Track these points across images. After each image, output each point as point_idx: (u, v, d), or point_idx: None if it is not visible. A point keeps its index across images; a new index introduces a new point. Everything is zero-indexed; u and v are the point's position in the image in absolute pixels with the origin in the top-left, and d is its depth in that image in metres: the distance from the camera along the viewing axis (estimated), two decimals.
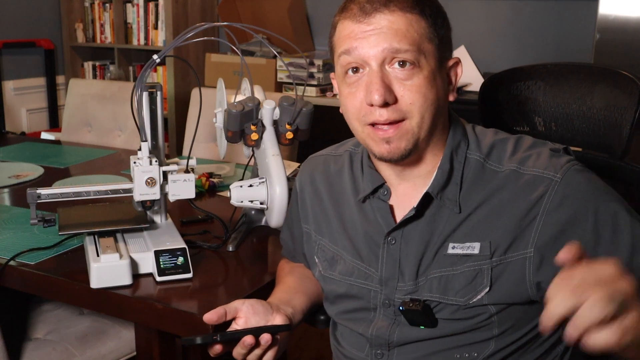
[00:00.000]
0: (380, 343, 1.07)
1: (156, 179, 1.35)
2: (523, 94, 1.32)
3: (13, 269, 1.38)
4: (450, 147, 1.04)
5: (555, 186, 0.96)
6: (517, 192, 0.98)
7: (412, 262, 1.04)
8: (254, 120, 1.44)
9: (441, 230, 1.02)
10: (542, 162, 0.99)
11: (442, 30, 1.00)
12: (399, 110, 0.97)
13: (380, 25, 0.96)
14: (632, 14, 2.46)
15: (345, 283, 1.12)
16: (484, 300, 0.99)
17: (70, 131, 2.84)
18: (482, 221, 1.00)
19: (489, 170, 1.02)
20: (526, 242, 0.97)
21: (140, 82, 1.35)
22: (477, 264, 0.99)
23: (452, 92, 1.04)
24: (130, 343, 1.68)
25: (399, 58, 0.96)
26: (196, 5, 3.93)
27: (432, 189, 1.02)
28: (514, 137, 1.06)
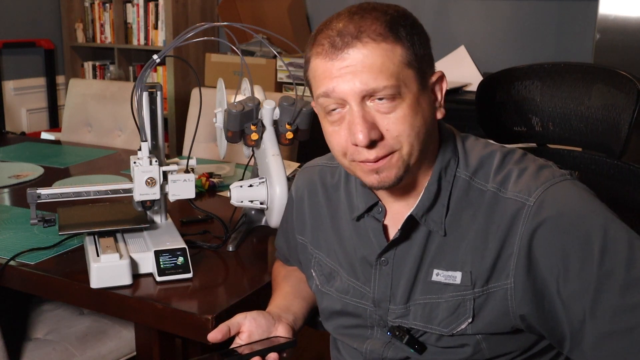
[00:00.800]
0: (375, 359, 1.06)
1: (156, 179, 1.35)
2: (520, 94, 1.32)
3: (13, 269, 1.38)
4: (439, 167, 0.99)
5: (529, 213, 0.91)
6: (496, 218, 0.94)
7: (403, 285, 1.02)
8: (254, 120, 1.44)
9: (429, 254, 0.99)
10: (521, 182, 0.94)
11: (421, 49, 0.94)
12: (386, 145, 0.93)
13: (354, 61, 0.90)
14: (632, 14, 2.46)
15: (342, 301, 1.10)
16: (468, 331, 0.96)
17: (70, 131, 2.84)
18: (466, 247, 0.96)
19: (475, 189, 0.97)
20: (507, 273, 0.93)
21: (140, 82, 1.35)
22: (460, 294, 0.96)
23: (439, 108, 0.99)
24: (130, 343, 1.69)
25: (378, 95, 0.91)
26: (196, 5, 3.93)
27: (416, 211, 0.99)
28: (502, 151, 1.00)
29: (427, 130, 0.95)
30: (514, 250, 0.92)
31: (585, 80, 1.25)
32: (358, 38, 0.90)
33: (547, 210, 0.90)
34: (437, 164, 0.99)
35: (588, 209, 0.91)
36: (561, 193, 0.92)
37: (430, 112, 0.97)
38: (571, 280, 0.89)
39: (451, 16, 3.41)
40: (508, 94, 1.34)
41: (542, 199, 0.91)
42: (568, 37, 3.17)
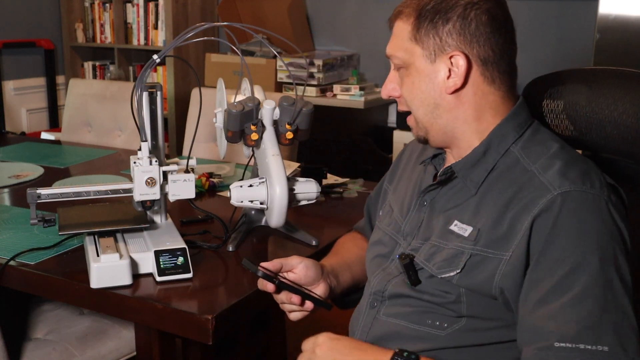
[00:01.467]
0: (377, 293, 1.16)
1: (156, 179, 1.35)
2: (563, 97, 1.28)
3: (13, 269, 1.38)
4: (492, 136, 1.08)
5: (547, 200, 0.97)
6: (524, 194, 1.01)
7: (429, 226, 1.12)
8: (254, 120, 1.44)
9: (458, 206, 1.09)
10: (560, 173, 1.00)
11: (436, 29, 1.06)
12: (401, 102, 1.14)
13: (392, 33, 1.13)
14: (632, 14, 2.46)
15: (382, 231, 1.24)
16: (453, 280, 1.04)
17: (70, 131, 2.84)
18: (488, 209, 1.04)
19: (521, 166, 1.05)
20: (508, 246, 0.99)
21: (140, 82, 1.35)
22: (462, 245, 1.04)
23: (451, 84, 1.06)
24: (130, 343, 1.68)
25: (394, 60, 1.11)
26: (196, 5, 3.93)
27: (456, 165, 1.10)
28: (563, 144, 1.08)
29: (436, 102, 1.08)
30: (522, 228, 0.98)
31: (623, 86, 1.21)
32: (399, 12, 1.11)
33: (562, 208, 0.96)
34: (491, 133, 1.08)
35: (592, 235, 0.95)
36: (586, 203, 0.97)
37: (434, 85, 1.08)
38: (537, 270, 0.96)
39: None
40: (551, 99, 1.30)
41: (566, 196, 0.97)
42: (568, 37, 3.17)
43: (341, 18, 3.76)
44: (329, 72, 3.48)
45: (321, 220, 1.73)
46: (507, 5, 1.09)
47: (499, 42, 1.06)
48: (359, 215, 1.48)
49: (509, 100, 1.10)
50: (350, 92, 3.39)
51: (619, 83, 1.22)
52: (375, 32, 3.65)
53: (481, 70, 1.07)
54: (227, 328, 1.22)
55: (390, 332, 1.12)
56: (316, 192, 1.48)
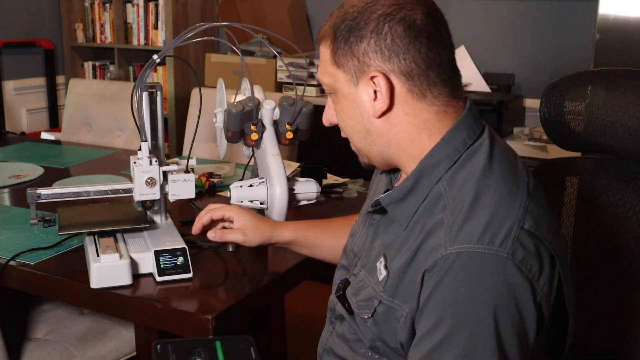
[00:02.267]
0: (331, 309, 1.14)
1: (156, 179, 1.35)
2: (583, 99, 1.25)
3: (13, 269, 1.38)
4: (422, 166, 0.98)
5: (440, 264, 0.88)
6: (426, 245, 0.92)
7: (368, 250, 1.07)
8: (254, 120, 1.44)
9: (389, 238, 1.01)
10: (461, 221, 0.89)
11: (352, 49, 0.97)
12: (341, 130, 1.08)
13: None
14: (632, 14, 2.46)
15: (348, 240, 1.19)
16: (368, 322, 1.00)
17: (70, 131, 2.84)
18: (404, 253, 0.96)
19: (441, 203, 0.94)
20: (408, 299, 0.93)
21: (140, 82, 1.35)
22: (375, 289, 1.00)
23: (378, 108, 0.97)
24: (130, 343, 1.69)
25: (324, 87, 1.05)
26: (196, 5, 3.93)
27: (384, 199, 1.02)
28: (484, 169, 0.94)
29: (359, 127, 1.02)
30: (416, 283, 0.91)
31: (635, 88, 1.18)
32: (320, 36, 1.03)
33: (447, 270, 0.87)
34: (422, 161, 0.98)
35: (471, 300, 0.86)
36: (474, 266, 0.87)
37: (362, 110, 1.00)
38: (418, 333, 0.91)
39: (451, 16, 3.39)
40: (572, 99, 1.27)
41: (454, 257, 0.87)
42: (568, 37, 3.17)
43: None
44: None
45: None
46: (433, 5, 0.99)
47: (421, 51, 0.94)
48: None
49: (447, 115, 0.98)
50: None
51: (634, 85, 1.18)
52: None
53: (407, 86, 0.96)
54: (227, 328, 1.22)
55: (338, 353, 1.11)
56: (316, 192, 1.48)
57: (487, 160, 0.95)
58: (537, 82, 3.13)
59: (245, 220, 1.33)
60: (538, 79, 3.13)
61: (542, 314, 0.89)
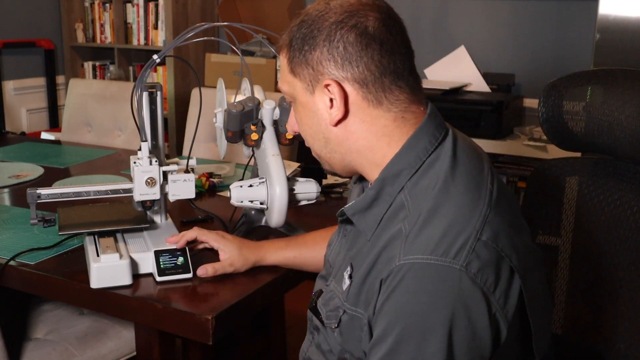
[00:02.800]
0: (310, 319, 1.13)
1: (156, 179, 1.35)
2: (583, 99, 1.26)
3: (13, 269, 1.38)
4: (384, 175, 0.97)
5: (393, 275, 0.87)
6: (385, 254, 0.91)
7: (340, 260, 1.06)
8: (254, 120, 1.44)
9: (356, 248, 1.01)
10: (416, 232, 0.89)
11: (306, 57, 0.97)
12: (304, 138, 1.08)
13: None
14: (632, 14, 2.46)
15: (327, 249, 1.19)
16: (335, 333, 1.01)
17: (70, 131, 2.84)
18: (366, 262, 0.95)
19: (402, 214, 0.93)
20: (368, 308, 0.93)
21: (140, 82, 1.35)
22: (340, 299, 1.00)
23: (333, 115, 0.97)
24: (130, 343, 1.69)
25: (285, 95, 1.05)
26: (196, 5, 3.93)
27: (348, 209, 1.02)
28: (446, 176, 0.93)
29: (318, 135, 1.02)
30: (374, 291, 0.91)
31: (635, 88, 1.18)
32: (279, 46, 1.03)
33: (399, 282, 0.87)
34: (383, 171, 0.97)
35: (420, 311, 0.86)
36: (421, 279, 0.86)
37: (318, 119, 1.00)
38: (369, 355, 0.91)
39: (451, 16, 3.41)
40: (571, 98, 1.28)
41: (407, 268, 0.86)
42: (568, 37, 3.17)
43: None
44: None
45: (321, 220, 1.73)
46: (387, 10, 0.97)
47: (374, 58, 0.93)
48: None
49: (406, 122, 0.97)
50: None
51: (631, 85, 1.18)
52: None
53: (362, 94, 0.95)
54: (227, 328, 1.22)
55: None
56: (316, 192, 1.48)
57: (450, 168, 0.94)
58: (537, 82, 3.13)
59: (230, 251, 1.35)
60: (538, 79, 3.13)
61: (498, 327, 0.87)
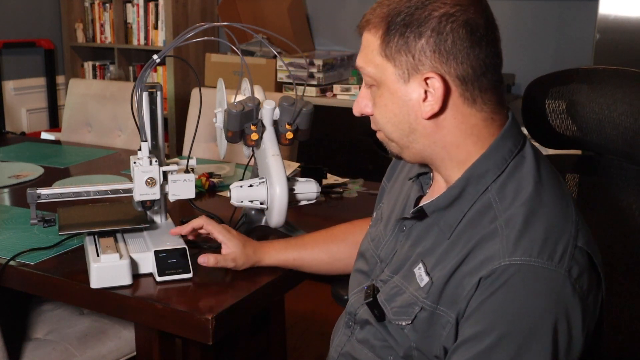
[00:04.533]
0: (351, 314, 1.13)
1: (156, 179, 1.35)
2: (565, 97, 1.27)
3: (13, 269, 1.38)
4: (469, 174, 0.96)
5: (497, 274, 0.88)
6: (480, 253, 0.91)
7: (401, 256, 1.05)
8: (254, 120, 1.44)
9: (428, 245, 1.00)
10: (517, 233, 0.89)
11: (409, 45, 0.93)
12: (373, 121, 1.04)
13: (361, 44, 1.01)
14: (632, 14, 2.46)
15: (366, 244, 1.18)
16: (405, 329, 0.99)
17: (70, 131, 2.84)
18: (450, 260, 0.94)
19: (491, 213, 0.93)
20: (456, 306, 0.92)
21: (140, 82, 1.35)
22: (416, 295, 0.98)
23: (428, 109, 0.95)
24: (130, 343, 1.69)
25: (363, 74, 1.00)
26: (196, 5, 3.93)
27: (428, 206, 1.00)
28: (535, 182, 0.94)
29: (402, 125, 0.98)
30: (467, 292, 0.90)
31: (623, 86, 1.19)
32: (367, 22, 0.98)
33: (505, 282, 0.87)
34: (468, 170, 0.97)
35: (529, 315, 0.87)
36: (529, 281, 0.87)
37: (408, 108, 0.96)
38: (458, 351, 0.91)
39: None
40: (552, 97, 1.29)
41: (513, 269, 0.87)
42: (568, 37, 3.17)
43: (341, 18, 3.76)
44: (329, 72, 3.48)
45: (321, 220, 1.73)
46: (490, 10, 0.97)
47: (479, 57, 0.93)
48: (359, 215, 1.48)
49: (494, 123, 0.97)
50: (350, 92, 3.39)
51: (619, 83, 1.20)
52: None
53: (460, 91, 0.94)
54: (227, 328, 1.22)
55: (360, 358, 1.09)
56: (316, 192, 1.48)
57: (536, 173, 0.95)
58: None
59: (234, 246, 1.34)
60: None
61: (587, 334, 0.90)
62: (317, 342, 2.68)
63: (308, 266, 1.38)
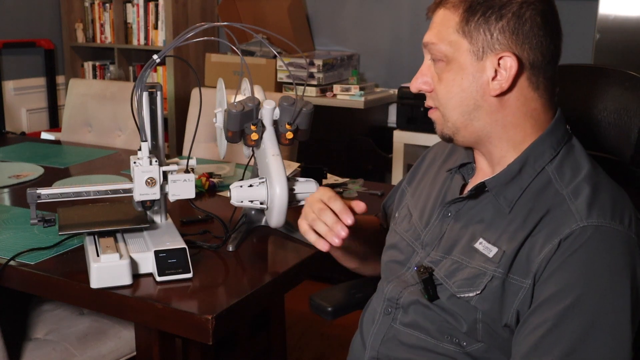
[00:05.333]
0: (391, 299, 1.14)
1: (156, 179, 1.35)
2: None
3: (13, 269, 1.38)
4: (528, 153, 1.03)
5: (571, 232, 0.94)
6: (551, 219, 0.97)
7: (451, 238, 1.08)
8: (254, 120, 1.44)
9: (485, 222, 1.04)
10: (588, 202, 0.96)
11: (489, 25, 0.99)
12: (431, 97, 1.08)
13: (431, 19, 1.06)
14: (632, 14, 2.46)
15: (400, 236, 1.20)
16: (472, 301, 1.01)
17: (70, 131, 2.84)
18: (517, 231, 1.00)
19: (553, 188, 1.00)
20: (529, 272, 0.97)
21: (141, 82, 1.35)
22: (484, 266, 1.01)
23: (494, 86, 1.00)
24: (130, 343, 1.69)
25: (432, 50, 1.04)
26: (196, 6, 3.93)
27: (490, 181, 1.05)
28: (593, 164, 1.03)
29: (469, 101, 1.02)
30: (542, 255, 0.95)
31: (600, 83, 1.24)
32: (438, 5, 1.04)
33: (584, 241, 0.93)
34: (527, 149, 1.03)
35: (611, 270, 0.93)
36: (609, 241, 0.94)
37: (478, 85, 1.01)
38: (539, 299, 0.95)
39: None
40: None
41: (591, 231, 0.94)
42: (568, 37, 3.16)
43: (341, 18, 3.76)
44: (329, 72, 3.48)
45: None
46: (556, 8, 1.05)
47: (550, 46, 1.02)
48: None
49: (549, 110, 1.05)
50: (350, 92, 3.39)
51: (594, 80, 1.25)
52: (375, 32, 3.64)
53: (528, 74, 1.01)
54: (227, 328, 1.22)
55: (407, 342, 1.10)
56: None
57: (588, 156, 1.04)
58: None
59: None
60: None
61: None
62: (317, 342, 2.67)
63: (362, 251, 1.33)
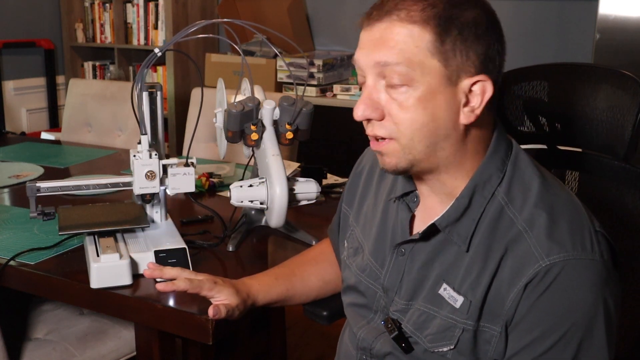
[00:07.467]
0: (365, 349, 1.08)
1: (156, 172, 1.35)
2: (527, 94, 1.31)
3: (13, 269, 1.38)
4: (476, 181, 0.94)
5: (536, 272, 0.88)
6: (513, 260, 0.90)
7: (411, 282, 1.01)
8: (254, 120, 1.43)
9: (445, 264, 0.97)
10: (548, 234, 0.89)
11: (462, 45, 0.87)
12: (384, 127, 0.92)
13: (379, 34, 0.88)
14: (632, 14, 2.46)
15: (357, 277, 1.11)
16: (447, 355, 0.96)
17: (70, 131, 2.84)
18: (478, 275, 0.93)
19: (507, 217, 0.92)
20: (499, 318, 0.92)
21: (141, 75, 1.34)
22: (454, 318, 0.95)
23: (466, 113, 0.90)
24: (130, 343, 1.68)
25: (391, 76, 0.88)
26: (196, 5, 3.94)
27: (440, 221, 0.95)
28: (542, 181, 0.94)
29: (437, 130, 0.90)
30: (510, 299, 0.90)
31: (591, 82, 1.24)
32: (389, 14, 0.88)
33: (550, 283, 0.88)
34: (474, 177, 0.94)
35: (584, 306, 0.88)
36: (573, 276, 0.88)
37: (450, 113, 0.89)
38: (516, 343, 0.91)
39: None
40: (515, 94, 1.33)
41: (556, 268, 0.87)
42: (568, 37, 3.17)
43: (341, 18, 3.76)
44: (329, 72, 3.48)
45: (321, 220, 1.73)
46: None
47: (502, 61, 0.92)
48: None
49: (490, 127, 0.96)
50: (350, 92, 3.39)
51: (577, 78, 1.25)
52: None
53: (493, 97, 0.91)
54: (227, 328, 1.22)
55: None
56: (316, 192, 1.48)
57: (534, 169, 0.95)
58: None
59: (229, 296, 1.15)
60: None
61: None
62: (317, 342, 2.67)
63: (299, 295, 1.27)
